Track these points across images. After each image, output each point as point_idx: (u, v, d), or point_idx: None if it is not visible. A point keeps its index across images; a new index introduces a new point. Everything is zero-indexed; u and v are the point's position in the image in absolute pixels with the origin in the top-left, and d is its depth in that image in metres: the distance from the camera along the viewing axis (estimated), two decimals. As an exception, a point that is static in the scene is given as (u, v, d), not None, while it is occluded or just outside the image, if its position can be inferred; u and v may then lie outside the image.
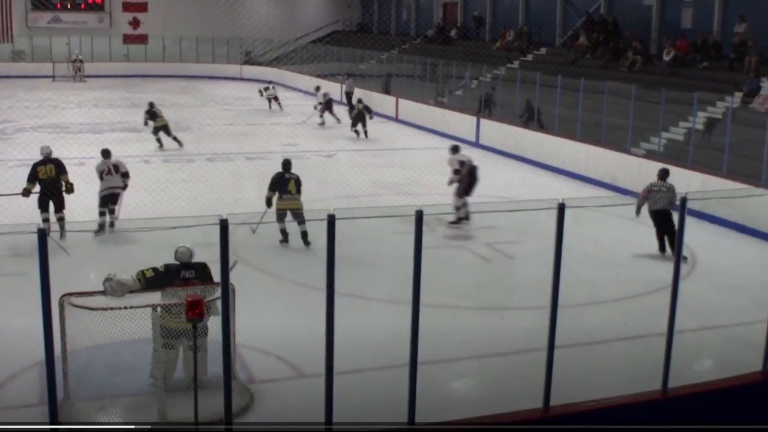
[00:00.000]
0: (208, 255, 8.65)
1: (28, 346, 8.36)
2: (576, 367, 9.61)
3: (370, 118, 29.10)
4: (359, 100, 30.68)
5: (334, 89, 39.32)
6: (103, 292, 8.36)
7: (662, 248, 14.87)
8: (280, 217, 14.90)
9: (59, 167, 15.50)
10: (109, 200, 15.92)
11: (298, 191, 15.15)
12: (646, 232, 15.47)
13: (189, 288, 8.36)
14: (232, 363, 7.78)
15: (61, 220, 14.92)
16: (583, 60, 32.04)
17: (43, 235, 6.63)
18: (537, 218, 8.94)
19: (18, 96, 38.92)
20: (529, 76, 27.56)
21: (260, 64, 52.33)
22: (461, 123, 28.26)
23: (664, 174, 15.18)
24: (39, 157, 15.75)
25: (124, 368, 8.92)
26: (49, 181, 15.24)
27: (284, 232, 15.02)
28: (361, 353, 9.68)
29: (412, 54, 40.84)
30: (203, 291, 8.18)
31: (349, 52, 44.22)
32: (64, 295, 8.00)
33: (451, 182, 16.98)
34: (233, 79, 50.12)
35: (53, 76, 47.12)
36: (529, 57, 35.66)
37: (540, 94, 25.40)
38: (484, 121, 26.99)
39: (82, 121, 30.81)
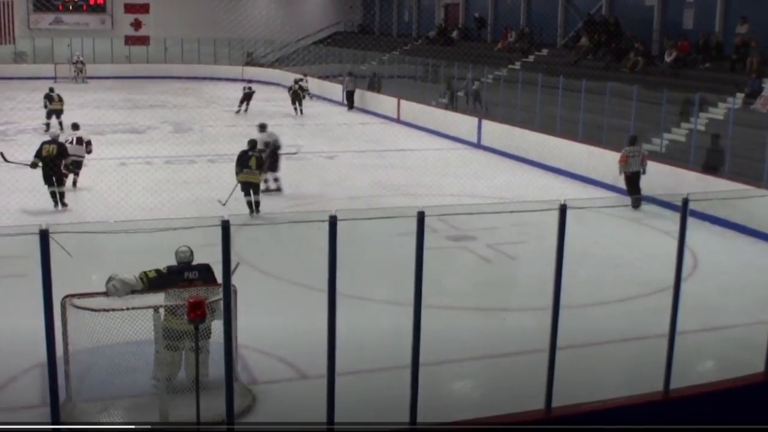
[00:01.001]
0: (210, 257, 8.65)
1: (30, 348, 8.35)
2: (578, 367, 9.61)
3: (309, 98, 36.46)
4: (295, 81, 36.86)
5: (335, 89, 39.42)
6: (105, 293, 8.37)
7: (636, 205, 17.99)
8: (244, 189, 17.18)
9: (61, 150, 18.03)
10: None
11: (258, 167, 17.31)
12: (647, 233, 15.50)
13: (192, 289, 8.36)
14: (234, 364, 7.78)
15: (61, 195, 17.86)
16: (585, 61, 32.05)
17: (45, 236, 6.64)
18: (538, 219, 8.93)
19: (20, 97, 38.87)
20: (530, 77, 27.56)
21: (262, 65, 52.33)
22: (463, 124, 28.27)
23: (633, 140, 18.94)
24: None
25: (125, 369, 8.92)
26: (50, 158, 17.70)
27: (249, 204, 17.07)
28: (362, 354, 9.68)
29: (414, 55, 40.86)
30: (206, 292, 8.18)
31: (350, 53, 44.22)
32: (66, 296, 8.00)
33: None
34: (235, 80, 50.08)
35: (55, 78, 47.09)
36: (531, 58, 35.67)
37: (542, 95, 25.38)
38: (485, 122, 26.98)
39: (83, 123, 30.69)
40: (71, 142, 19.52)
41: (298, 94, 35.62)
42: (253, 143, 17.84)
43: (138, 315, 8.20)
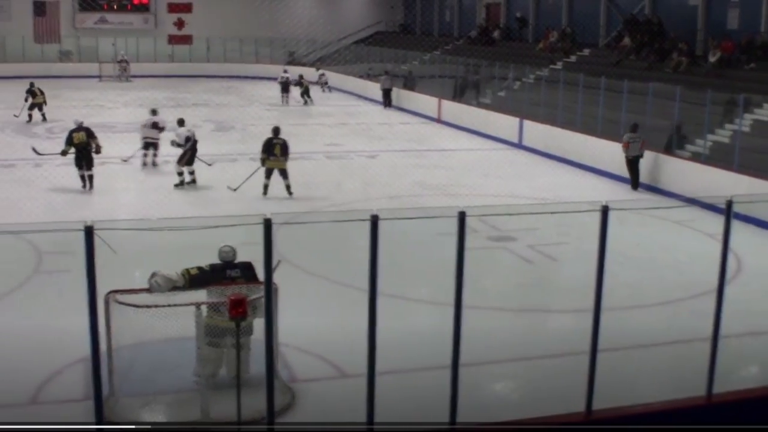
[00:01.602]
0: (251, 254, 8.70)
1: (74, 342, 8.46)
2: (619, 370, 9.55)
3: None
4: (300, 76, 40.88)
5: (377, 89, 39.49)
6: (147, 290, 8.43)
7: (635, 186, 20.51)
8: (268, 173, 18.63)
9: (89, 133, 19.45)
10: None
11: (283, 154, 18.62)
12: (690, 235, 15.36)
13: (234, 287, 8.41)
14: (275, 362, 7.81)
15: (90, 177, 19.23)
16: (627, 61, 31.80)
17: (89, 232, 6.71)
18: (580, 220, 8.87)
19: (65, 96, 39.37)
20: (572, 77, 27.42)
21: (304, 64, 52.51)
22: (504, 124, 28.18)
23: (635, 127, 20.76)
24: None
25: (167, 365, 9.00)
26: (81, 145, 19.13)
27: (266, 187, 18.69)
28: (402, 354, 9.68)
29: (455, 55, 40.79)
30: (248, 290, 8.22)
31: (391, 52, 44.25)
32: (110, 292, 8.08)
33: (175, 145, 20.06)
34: (277, 79, 50.33)
35: (100, 76, 47.65)
36: (573, 58, 35.47)
37: (583, 96, 25.24)
38: (527, 123, 26.86)
39: (127, 121, 31.06)
40: (147, 126, 22.25)
41: (308, 89, 39.70)
42: (276, 130, 18.96)
43: (180, 312, 8.26)
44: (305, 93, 39.59)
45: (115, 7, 53.88)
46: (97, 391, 7.19)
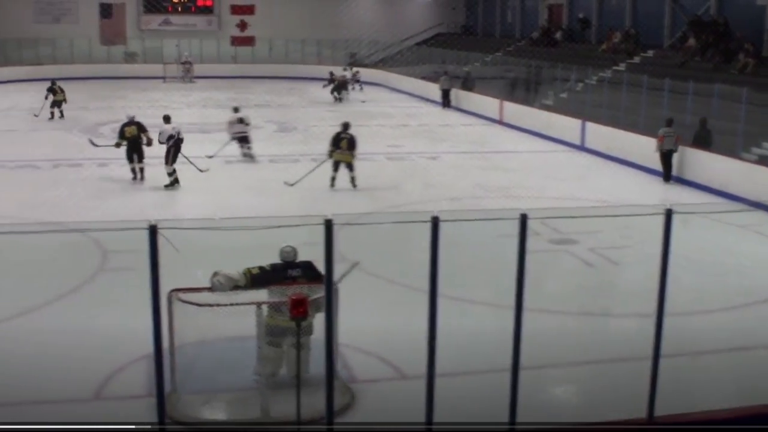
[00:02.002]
0: (312, 254, 8.75)
1: (137, 340, 8.58)
2: (681, 376, 9.43)
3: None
4: (330, 73, 41.79)
5: (435, 89, 39.49)
6: (209, 289, 8.52)
7: (667, 178, 21.46)
8: (335, 166, 19.54)
9: (140, 127, 20.40)
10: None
11: (349, 148, 19.53)
12: (755, 240, 15.11)
13: (295, 286, 8.46)
14: (335, 362, 7.85)
15: (141, 170, 20.25)
16: (692, 62, 31.34)
17: (153, 231, 6.81)
18: (643, 223, 8.77)
19: (130, 96, 39.97)
20: (635, 78, 27.12)
21: (365, 65, 52.66)
22: (566, 126, 27.96)
23: (670, 122, 21.61)
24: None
25: (228, 364, 9.09)
26: (132, 138, 20.11)
27: (333, 179, 19.66)
28: (462, 356, 9.67)
29: (517, 56, 40.60)
30: (308, 290, 8.27)
31: (453, 54, 44.18)
32: (173, 291, 8.19)
33: (153, 144, 20.36)
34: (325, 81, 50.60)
35: (164, 77, 48.27)
36: (636, 59, 35.06)
37: (647, 97, 24.95)
38: (589, 125, 26.61)
39: (190, 121, 31.42)
40: (234, 123, 23.68)
41: (344, 84, 41.13)
42: (346, 125, 19.94)
43: (241, 311, 8.33)
44: (337, 89, 40.54)
45: (180, 9, 54.52)
46: (160, 388, 7.29)
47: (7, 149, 24.16)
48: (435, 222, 6.90)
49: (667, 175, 21.57)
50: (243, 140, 23.53)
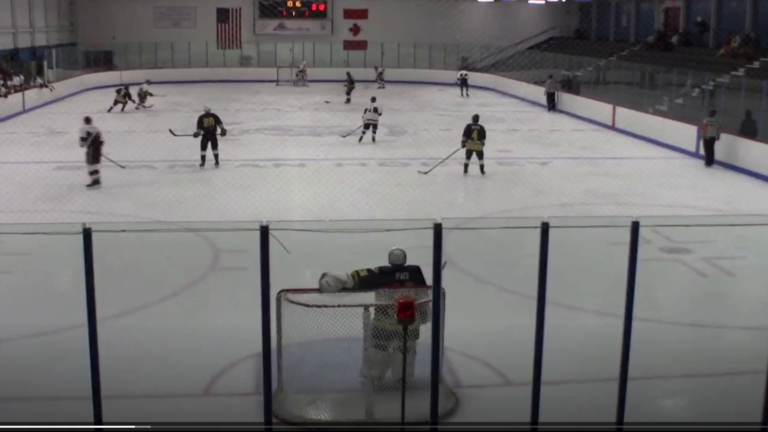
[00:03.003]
0: (420, 258, 8.77)
1: (247, 338, 8.73)
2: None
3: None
4: (347, 73, 42.81)
5: (539, 92, 39.25)
6: (318, 290, 8.60)
7: (709, 163, 24.13)
8: (468, 154, 21.89)
9: (217, 120, 22.77)
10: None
11: (479, 137, 21.86)
12: None
13: (402, 290, 8.48)
14: (440, 366, 7.85)
15: (216, 155, 22.68)
16: (817, 68, 30.36)
17: (265, 232, 6.93)
18: (760, 234, 8.53)
19: (245, 99, 40.75)
20: (755, 84, 26.37)
21: (477, 70, 52.54)
22: (681, 132, 27.35)
23: (713, 113, 24.78)
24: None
25: (334, 365, 9.16)
26: (210, 128, 22.54)
27: (466, 167, 21.93)
28: (569, 364, 9.56)
29: (631, 60, 39.92)
30: (416, 294, 8.28)
31: (566, 58, 43.72)
32: (282, 291, 8.29)
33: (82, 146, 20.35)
34: (450, 84, 50.54)
35: (277, 81, 49.08)
36: (756, 64, 34.08)
37: (766, 103, 24.25)
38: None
39: (303, 124, 31.92)
40: (370, 111, 27.22)
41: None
42: (476, 117, 22.45)
43: (348, 313, 8.38)
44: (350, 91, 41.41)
45: (294, 13, 55.28)
46: (267, 386, 7.41)
47: (126, 150, 24.86)
48: (545, 228, 6.85)
49: (709, 159, 24.25)
50: (371, 126, 27.19)
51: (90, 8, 52.47)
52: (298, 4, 55.00)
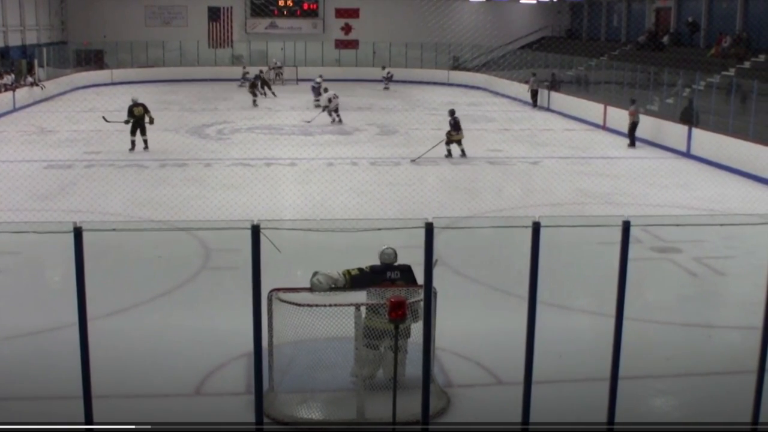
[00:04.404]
0: (411, 257, 8.77)
1: (237, 337, 8.72)
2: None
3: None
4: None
5: (540, 94, 39.27)
6: (309, 289, 8.59)
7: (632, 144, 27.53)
8: (451, 144, 24.40)
9: (145, 109, 24.99)
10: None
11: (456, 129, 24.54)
12: None
13: (393, 289, 8.48)
14: (431, 366, 7.85)
15: (145, 140, 24.80)
16: (807, 68, 30.44)
17: (256, 231, 6.92)
18: (750, 234, 8.55)
19: (235, 98, 40.71)
20: (745, 84, 26.43)
21: (468, 69, 52.57)
22: (671, 132, 27.42)
23: (633, 101, 28.93)
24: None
25: (326, 364, 9.15)
26: (139, 117, 24.77)
27: (449, 152, 24.54)
28: (560, 363, 9.57)
29: (622, 60, 39.98)
30: (407, 293, 8.28)
31: (557, 58, 43.78)
32: (273, 290, 8.27)
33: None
34: (441, 84, 50.56)
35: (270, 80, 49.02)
36: (747, 64, 34.17)
37: (757, 104, 24.30)
38: (696, 131, 26.05)
39: (294, 124, 31.89)
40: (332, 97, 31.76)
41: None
42: (452, 111, 25.26)
43: (340, 312, 8.38)
44: (259, 86, 40.77)
45: (285, 12, 55.22)
46: (258, 386, 7.41)
47: (117, 148, 24.85)
48: (536, 227, 6.86)
49: (632, 141, 28.09)
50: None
51: (81, 7, 52.34)
52: (289, 3, 54.94)
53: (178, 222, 15.48)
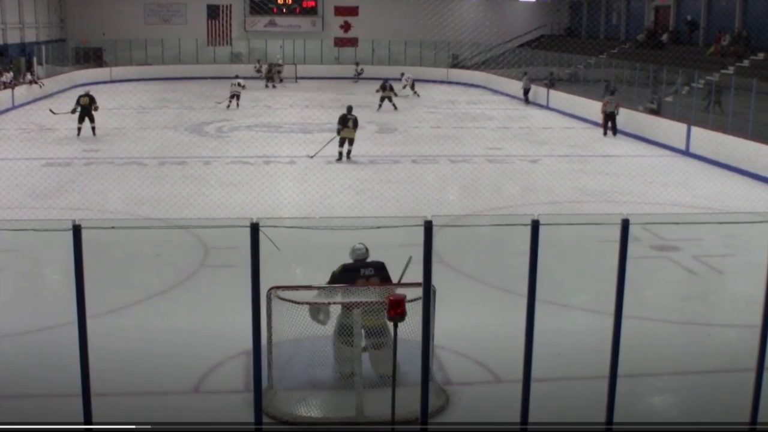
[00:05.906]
0: (411, 255, 8.76)
1: (236, 335, 8.72)
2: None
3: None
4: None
5: (540, 93, 39.27)
6: (308, 287, 8.58)
7: (605, 133, 28.15)
8: (341, 142, 23.21)
9: (92, 99, 27.12)
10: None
11: (354, 126, 23.14)
12: None
13: (366, 287, 8.49)
14: (430, 364, 7.84)
15: (93, 128, 26.99)
16: (806, 66, 30.45)
17: (255, 229, 6.91)
18: (749, 232, 8.55)
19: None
20: (744, 82, 26.43)
21: (467, 67, 52.55)
22: (671, 130, 27.41)
23: (613, 92, 30.55)
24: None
25: (324, 362, 9.15)
26: (85, 106, 26.87)
27: (341, 154, 23.26)
28: (559, 361, 9.57)
29: (621, 59, 40.00)
30: (386, 290, 8.25)
31: (556, 56, 43.78)
32: (272, 288, 8.26)
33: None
34: (440, 82, 50.53)
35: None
36: (746, 62, 34.18)
37: (756, 102, 24.31)
38: (695, 129, 26.04)
39: (293, 121, 31.87)
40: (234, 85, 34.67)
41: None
42: (349, 108, 23.90)
43: (339, 310, 8.40)
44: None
45: (284, 10, 55.19)
46: (258, 384, 7.40)
47: (116, 146, 24.85)
48: (535, 225, 6.85)
49: (605, 130, 29.71)
50: (236, 98, 34.61)
51: (80, 4, 52.35)
52: (288, 1, 54.92)
53: (177, 220, 15.49)
